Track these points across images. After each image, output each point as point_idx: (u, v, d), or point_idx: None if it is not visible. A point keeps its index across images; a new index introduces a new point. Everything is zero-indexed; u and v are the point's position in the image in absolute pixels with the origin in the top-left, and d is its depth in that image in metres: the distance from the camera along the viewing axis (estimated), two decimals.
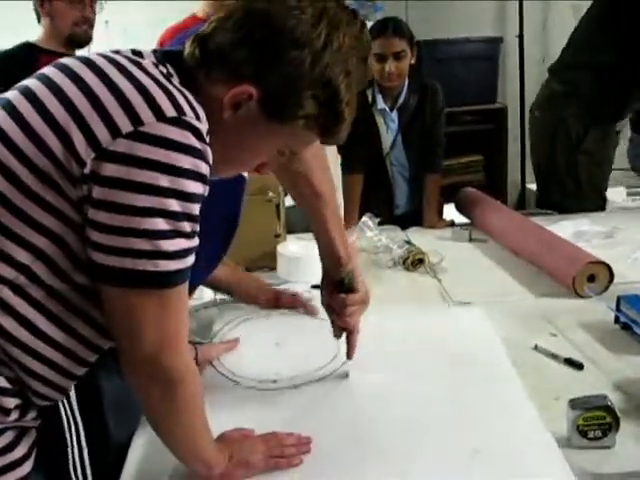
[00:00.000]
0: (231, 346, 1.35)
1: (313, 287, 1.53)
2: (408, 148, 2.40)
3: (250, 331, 1.42)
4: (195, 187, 0.80)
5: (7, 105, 0.83)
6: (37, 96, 0.82)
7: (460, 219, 2.34)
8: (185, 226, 0.80)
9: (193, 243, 0.83)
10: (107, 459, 1.11)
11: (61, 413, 1.05)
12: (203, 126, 0.82)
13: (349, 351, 1.23)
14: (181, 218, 0.79)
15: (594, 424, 1.01)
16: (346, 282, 1.21)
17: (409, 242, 1.89)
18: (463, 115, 3.72)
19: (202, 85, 0.87)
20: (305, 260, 1.65)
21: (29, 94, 0.83)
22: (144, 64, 0.84)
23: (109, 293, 0.81)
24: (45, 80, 0.84)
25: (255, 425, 1.06)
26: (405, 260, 1.82)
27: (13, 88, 0.87)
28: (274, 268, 1.74)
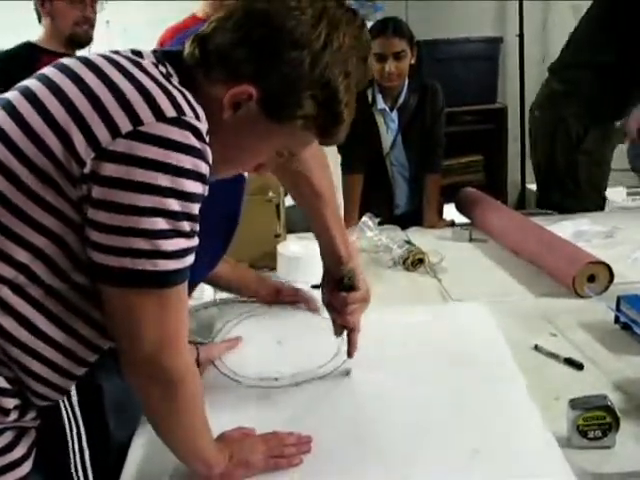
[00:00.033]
0: (233, 345, 1.35)
1: (313, 287, 1.53)
2: (408, 148, 2.40)
3: (251, 329, 1.42)
4: (195, 187, 0.80)
5: (7, 105, 0.83)
6: (37, 96, 0.82)
7: (460, 219, 2.33)
8: (185, 226, 0.80)
9: (193, 243, 0.83)
10: (107, 459, 1.11)
11: (62, 414, 1.05)
12: (203, 126, 0.82)
13: (350, 349, 1.23)
14: (181, 218, 0.79)
15: (594, 424, 1.01)
16: (346, 280, 1.21)
17: (409, 242, 1.89)
18: (463, 115, 3.73)
19: (201, 85, 0.87)
20: (305, 260, 1.64)
21: (29, 94, 0.83)
22: (144, 64, 0.84)
23: (109, 293, 0.81)
24: (45, 80, 0.84)
25: (255, 424, 1.06)
26: (405, 260, 1.82)
27: (13, 88, 0.87)
28: (274, 268, 1.73)
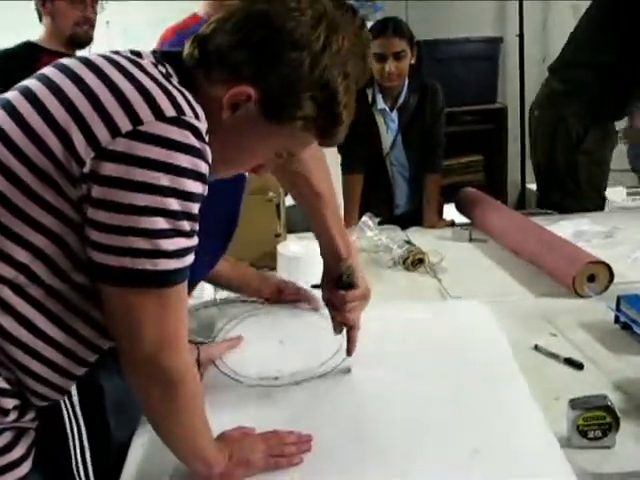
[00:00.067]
0: (233, 344, 1.35)
1: (313, 287, 1.53)
2: (408, 148, 2.40)
3: (252, 329, 1.42)
4: (194, 186, 0.80)
5: (7, 105, 0.83)
6: (37, 96, 0.82)
7: (460, 219, 2.33)
8: (184, 225, 0.80)
9: (192, 242, 0.83)
10: (108, 459, 1.11)
11: (63, 413, 1.05)
12: (202, 125, 0.82)
13: (349, 347, 1.23)
14: (181, 217, 0.79)
15: (594, 424, 1.01)
16: (345, 278, 1.21)
17: (409, 242, 1.89)
18: (463, 115, 3.72)
19: (201, 85, 0.87)
20: (305, 260, 1.64)
21: (29, 94, 0.83)
22: (144, 64, 0.85)
23: (108, 292, 0.81)
24: (45, 80, 0.84)
25: (256, 423, 1.06)
26: (405, 260, 1.82)
27: (13, 88, 0.87)
28: (274, 268, 1.73)
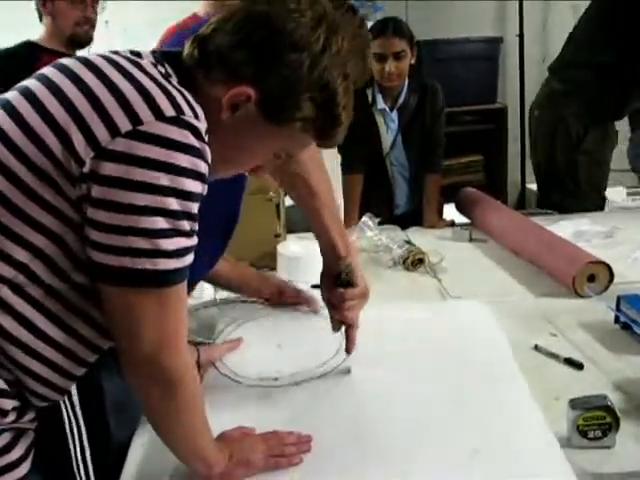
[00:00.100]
0: (233, 346, 1.35)
1: (313, 287, 1.53)
2: (408, 148, 2.40)
3: (252, 332, 1.41)
4: (194, 186, 0.80)
5: (7, 105, 0.83)
6: (37, 96, 0.82)
7: (460, 219, 2.33)
8: (184, 225, 0.80)
9: (192, 242, 0.83)
10: (108, 459, 1.11)
11: (63, 414, 1.05)
12: (202, 125, 0.82)
13: (348, 346, 1.23)
14: (180, 217, 0.79)
15: (594, 424, 1.01)
16: (344, 276, 1.22)
17: (409, 242, 1.89)
18: (463, 115, 3.72)
19: (201, 85, 0.87)
20: (305, 260, 1.64)
21: (29, 94, 0.83)
22: (143, 64, 0.85)
23: (108, 292, 0.81)
24: (45, 80, 0.84)
25: (256, 423, 1.06)
26: (405, 260, 1.81)
27: (13, 89, 0.87)
28: (274, 268, 1.73)
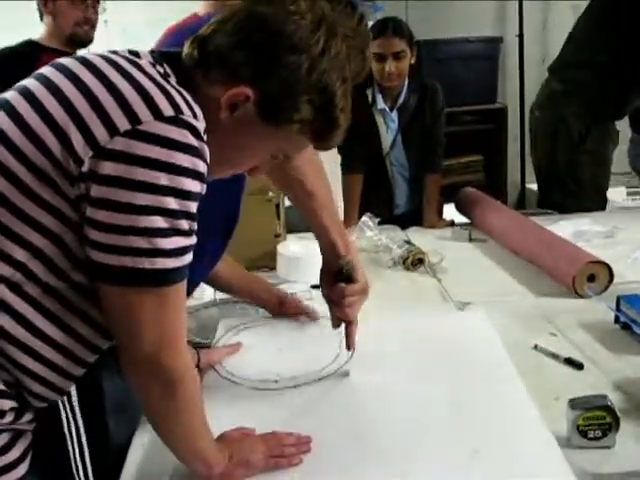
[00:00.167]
0: (233, 350, 1.34)
1: (313, 287, 1.53)
2: (408, 148, 2.40)
3: (252, 336, 1.41)
4: (193, 185, 0.80)
5: (6, 105, 0.83)
6: (36, 96, 0.82)
7: (460, 219, 2.33)
8: (183, 224, 0.80)
9: (191, 241, 0.83)
10: (107, 459, 1.11)
11: (62, 415, 1.05)
12: (200, 124, 0.82)
13: (348, 342, 1.23)
14: (179, 216, 0.79)
15: (594, 424, 1.01)
16: (344, 271, 1.22)
17: (409, 242, 1.89)
18: (463, 115, 3.72)
19: (200, 85, 0.87)
20: (305, 260, 1.64)
21: (28, 94, 0.83)
22: (142, 64, 0.85)
23: (108, 292, 0.81)
24: (44, 80, 0.84)
25: (255, 424, 1.06)
26: (405, 260, 1.82)
27: (12, 88, 0.87)
28: (274, 268, 1.74)
